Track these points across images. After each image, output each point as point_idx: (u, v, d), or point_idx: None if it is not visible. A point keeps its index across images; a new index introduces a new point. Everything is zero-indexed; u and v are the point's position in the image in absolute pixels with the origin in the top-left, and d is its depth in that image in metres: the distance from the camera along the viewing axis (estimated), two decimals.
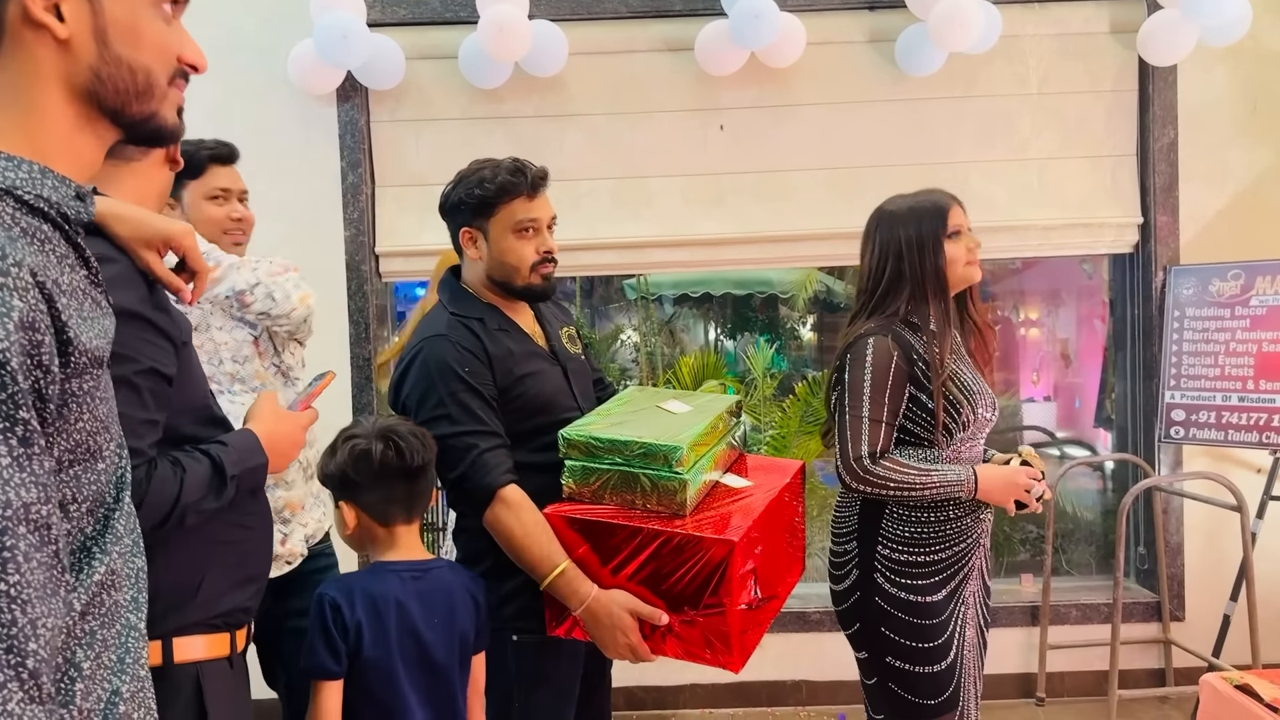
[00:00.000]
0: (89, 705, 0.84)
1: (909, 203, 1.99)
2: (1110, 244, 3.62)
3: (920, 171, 3.47)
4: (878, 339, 1.88)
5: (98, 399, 0.87)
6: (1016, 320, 4.90)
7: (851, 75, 3.54)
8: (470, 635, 1.73)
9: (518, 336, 1.88)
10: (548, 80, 3.46)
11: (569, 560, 1.67)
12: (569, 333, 2.03)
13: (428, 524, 3.75)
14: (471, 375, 1.74)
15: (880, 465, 1.85)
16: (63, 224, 0.86)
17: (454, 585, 1.72)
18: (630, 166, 3.55)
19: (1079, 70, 3.56)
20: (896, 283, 1.95)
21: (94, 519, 0.88)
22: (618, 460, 1.69)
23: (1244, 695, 2.31)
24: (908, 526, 1.92)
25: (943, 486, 1.86)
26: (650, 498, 1.66)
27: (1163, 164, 3.52)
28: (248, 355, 2.10)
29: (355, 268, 3.51)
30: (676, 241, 3.53)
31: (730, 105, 3.54)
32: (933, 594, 1.91)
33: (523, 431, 1.80)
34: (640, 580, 1.64)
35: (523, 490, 1.72)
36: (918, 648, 1.90)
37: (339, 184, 3.51)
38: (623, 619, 1.62)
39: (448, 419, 1.72)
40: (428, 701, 1.67)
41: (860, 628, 1.97)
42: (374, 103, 3.54)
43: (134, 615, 0.94)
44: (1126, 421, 3.76)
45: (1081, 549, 4.14)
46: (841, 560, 2.00)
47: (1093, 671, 3.55)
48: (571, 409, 1.88)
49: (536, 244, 1.86)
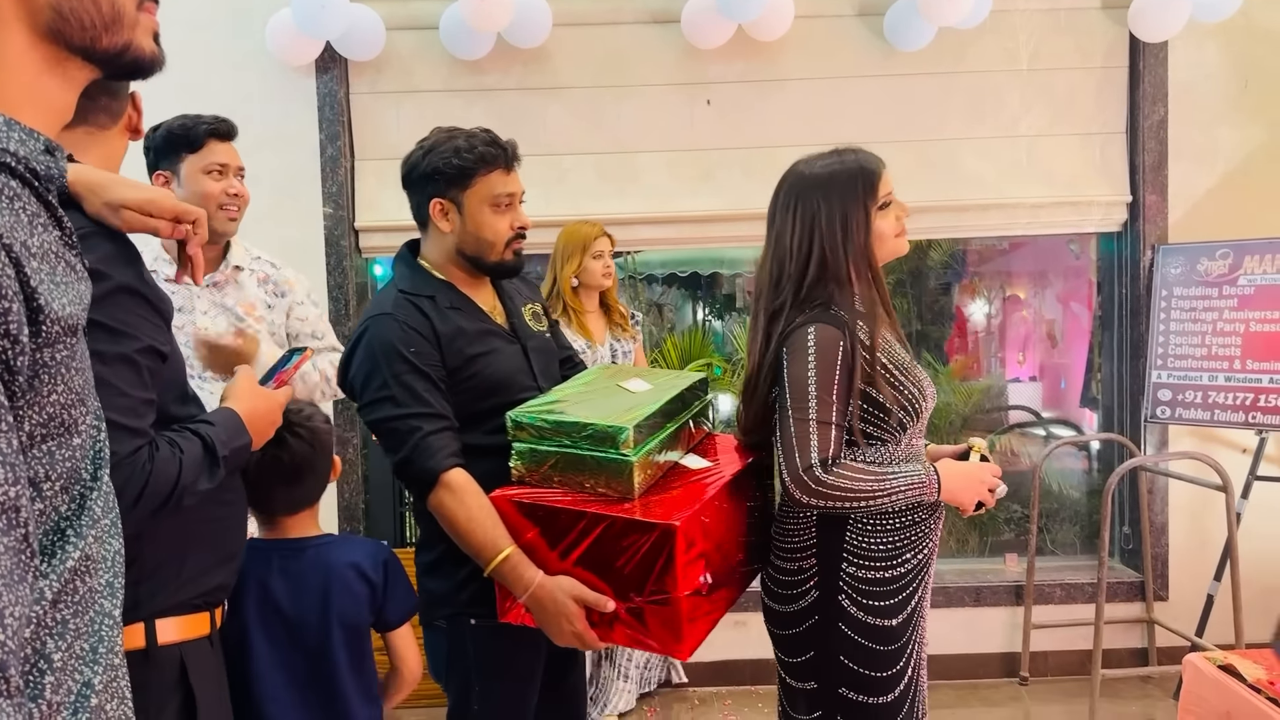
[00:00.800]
0: (59, 699, 0.80)
1: (829, 166, 1.69)
2: (1098, 222, 3.60)
3: (909, 148, 3.44)
4: (820, 327, 1.61)
5: (73, 370, 0.81)
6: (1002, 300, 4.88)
7: (840, 49, 3.49)
8: (358, 616, 1.68)
9: (472, 314, 1.81)
10: (531, 52, 3.40)
11: (514, 546, 1.61)
12: (533, 310, 1.95)
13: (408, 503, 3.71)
14: (417, 355, 1.68)
15: (833, 474, 1.58)
16: (32, 180, 0.79)
17: (333, 565, 1.67)
18: (616, 141, 3.49)
19: (1069, 46, 3.52)
20: (822, 264, 1.66)
21: (68, 498, 0.83)
22: (565, 442, 1.63)
23: (1227, 675, 2.30)
24: (874, 538, 1.67)
25: (904, 491, 1.61)
26: (599, 480, 1.61)
27: (1152, 142, 3.49)
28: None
29: (334, 243, 3.46)
30: (664, 218, 3.49)
31: (717, 79, 3.48)
32: (895, 616, 1.67)
33: (477, 413, 1.73)
34: (588, 565, 1.58)
35: (468, 474, 1.66)
36: (875, 677, 1.66)
37: (318, 157, 3.44)
38: (567, 606, 1.56)
39: (391, 401, 1.66)
40: (299, 682, 1.63)
41: (813, 657, 1.68)
42: (353, 74, 3.47)
43: (108, 601, 0.89)
44: (1113, 401, 3.75)
45: (1065, 528, 4.14)
46: (793, 580, 1.71)
47: (1076, 651, 3.55)
48: (530, 389, 1.81)
49: (511, 219, 1.80)
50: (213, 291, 2.23)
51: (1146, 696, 3.42)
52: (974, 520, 4.07)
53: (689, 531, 1.51)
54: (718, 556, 1.64)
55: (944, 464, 1.69)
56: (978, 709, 3.39)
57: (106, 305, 1.17)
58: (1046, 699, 3.44)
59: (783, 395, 1.63)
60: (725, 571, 1.69)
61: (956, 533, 4.10)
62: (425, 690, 3.40)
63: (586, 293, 3.15)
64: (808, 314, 1.65)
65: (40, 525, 0.80)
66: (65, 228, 0.84)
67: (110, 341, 1.18)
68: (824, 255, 1.66)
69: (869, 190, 1.67)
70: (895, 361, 1.68)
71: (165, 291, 1.36)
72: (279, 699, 1.61)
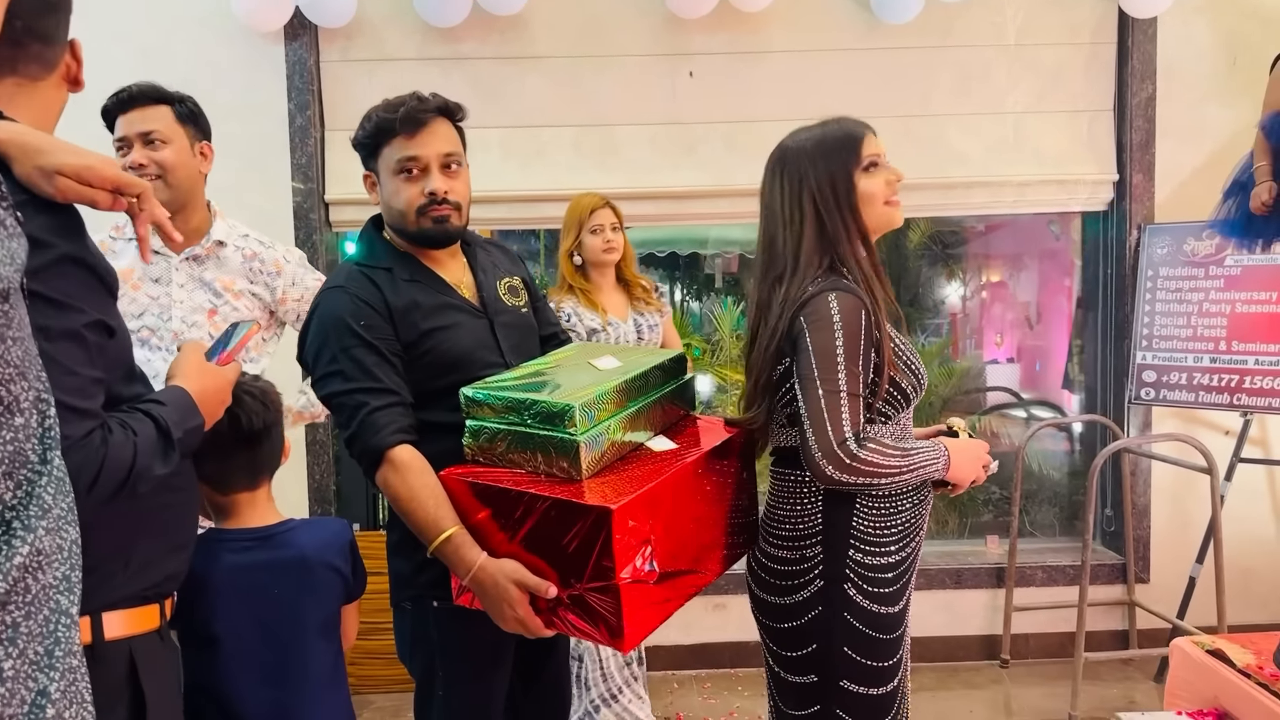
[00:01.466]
0: (10, 711, 0.72)
1: (814, 134, 1.65)
2: (1085, 201, 3.55)
3: (894, 123, 3.35)
4: (841, 295, 1.54)
5: (8, 340, 0.73)
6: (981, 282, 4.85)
7: (825, 21, 3.41)
8: (331, 605, 1.63)
9: (432, 287, 1.75)
10: (508, 19, 3.29)
11: (458, 526, 1.54)
12: (510, 284, 1.87)
13: None
14: (367, 329, 1.63)
15: (865, 449, 1.51)
16: None
17: (306, 557, 1.60)
18: (595, 113, 3.40)
19: (1058, 21, 3.46)
20: (820, 229, 1.61)
21: (13, 484, 0.75)
22: (515, 420, 1.55)
23: (1216, 660, 2.27)
24: (878, 522, 1.62)
25: (924, 468, 1.57)
26: (548, 460, 1.53)
27: (1140, 119, 3.45)
28: (198, 321, 2.09)
29: (303, 216, 3.34)
30: (645, 194, 3.40)
31: (700, 50, 3.40)
32: (898, 602, 1.62)
33: (436, 389, 1.67)
34: (532, 548, 1.50)
35: (416, 451, 1.60)
36: (877, 667, 1.61)
37: (286, 127, 3.33)
38: (509, 590, 1.49)
39: (340, 375, 1.61)
40: (269, 674, 1.56)
41: (816, 649, 1.62)
42: (324, 41, 3.35)
43: (64, 598, 0.81)
44: (1096, 382, 3.72)
45: (1046, 510, 4.12)
46: (796, 569, 1.64)
47: (1057, 633, 3.53)
48: (495, 365, 1.74)
49: (422, 185, 1.69)
50: (191, 265, 2.12)
51: (1127, 679, 3.41)
52: (955, 502, 4.04)
53: (630, 516, 1.41)
54: (672, 543, 1.53)
55: (948, 441, 1.65)
56: (959, 691, 3.37)
57: (49, 276, 1.07)
58: (1027, 682, 3.42)
59: (804, 366, 1.55)
60: (687, 558, 1.58)
61: (937, 514, 4.07)
62: (397, 675, 3.34)
63: (596, 269, 2.94)
64: (822, 282, 1.57)
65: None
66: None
67: (55, 316, 1.08)
68: (819, 218, 1.61)
69: (852, 150, 1.62)
70: (899, 337, 1.63)
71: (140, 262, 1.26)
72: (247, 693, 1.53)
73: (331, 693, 1.61)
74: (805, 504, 1.64)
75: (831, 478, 1.52)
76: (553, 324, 2.00)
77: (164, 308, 2.06)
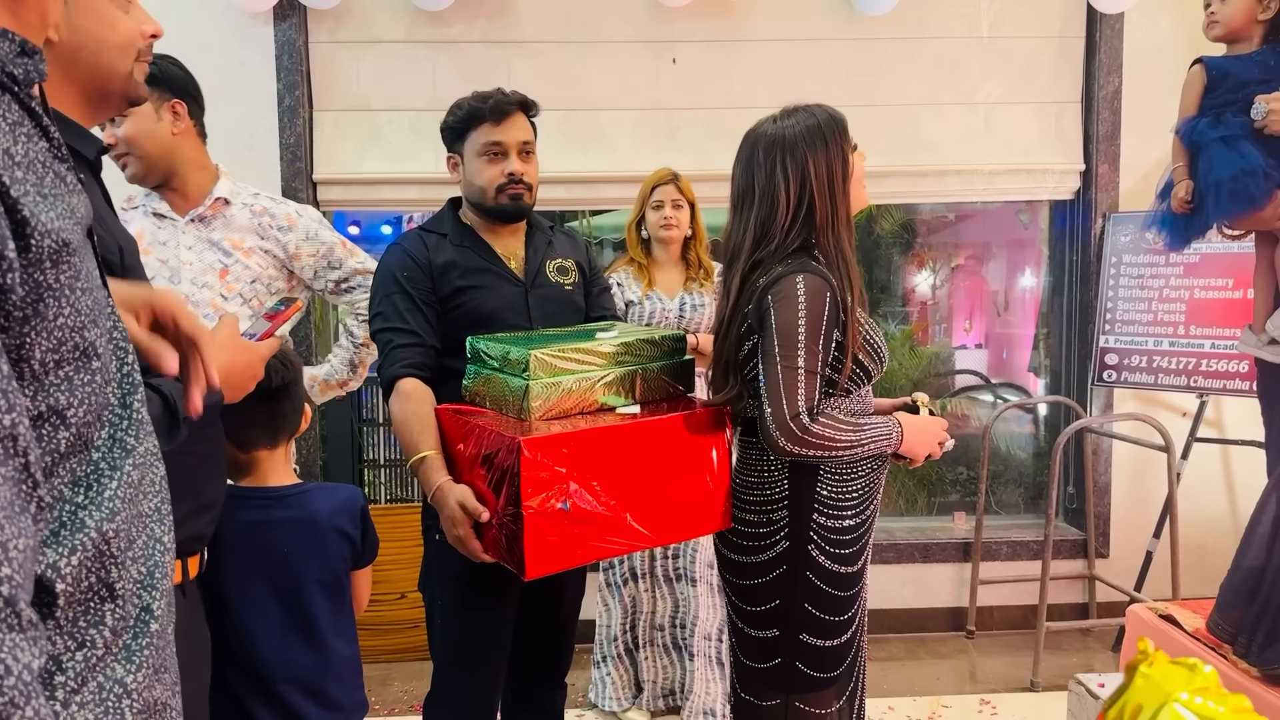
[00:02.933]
0: (119, 625, 0.79)
1: (801, 120, 1.69)
2: (1052, 190, 3.68)
3: (870, 112, 3.46)
4: (808, 277, 1.62)
5: (78, 290, 0.77)
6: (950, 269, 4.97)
7: (805, 11, 3.50)
8: (337, 567, 1.71)
9: (477, 253, 1.99)
10: (496, 3, 3.35)
11: (434, 451, 1.74)
12: (561, 264, 2.08)
13: (367, 461, 3.70)
14: (408, 280, 1.90)
15: (818, 423, 1.61)
16: (10, 85, 0.75)
17: (316, 519, 1.70)
18: (580, 97, 3.47)
19: (1028, 15, 3.57)
20: (810, 212, 1.68)
21: (101, 425, 0.81)
22: (495, 366, 1.76)
23: (1168, 624, 2.41)
24: (839, 487, 1.72)
25: (874, 442, 1.67)
26: (507, 403, 1.72)
27: (1106, 112, 3.57)
28: (209, 282, 2.12)
29: (292, 196, 3.38)
30: (628, 177, 3.47)
31: (683, 38, 3.47)
32: (856, 562, 1.73)
33: (464, 341, 1.87)
34: (483, 479, 1.65)
35: (420, 383, 1.83)
36: (834, 621, 1.72)
37: (275, 107, 3.37)
38: (454, 510, 1.64)
39: (381, 316, 1.91)
40: (281, 630, 1.65)
41: (779, 605, 1.72)
42: (312, 22, 3.39)
43: (158, 526, 0.89)
44: (1060, 365, 3.86)
45: (1011, 489, 4.26)
46: (764, 531, 1.74)
47: (1020, 606, 3.68)
48: (520, 327, 1.96)
49: (503, 167, 1.95)
50: (198, 226, 2.12)
51: (1087, 649, 3.56)
52: (924, 480, 4.17)
53: (541, 451, 1.54)
54: (597, 494, 1.62)
55: (903, 417, 1.74)
56: (926, 661, 3.50)
57: None
58: (991, 651, 3.56)
59: (767, 343, 1.63)
60: (614, 514, 1.65)
61: (906, 492, 4.20)
62: (417, 643, 3.41)
63: (659, 245, 2.98)
64: (791, 264, 1.65)
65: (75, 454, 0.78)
66: (53, 138, 0.80)
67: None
68: (813, 206, 1.68)
69: (844, 134, 1.70)
70: (865, 317, 1.72)
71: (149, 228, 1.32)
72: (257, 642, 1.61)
73: (339, 647, 1.69)
74: (772, 472, 1.74)
75: (785, 449, 1.61)
76: (606, 309, 2.15)
77: (173, 270, 2.07)
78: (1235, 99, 2.17)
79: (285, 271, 2.23)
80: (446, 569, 1.89)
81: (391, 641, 3.46)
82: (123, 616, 0.80)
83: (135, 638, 0.81)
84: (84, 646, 0.76)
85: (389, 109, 3.43)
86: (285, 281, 2.24)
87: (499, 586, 1.89)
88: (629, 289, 2.96)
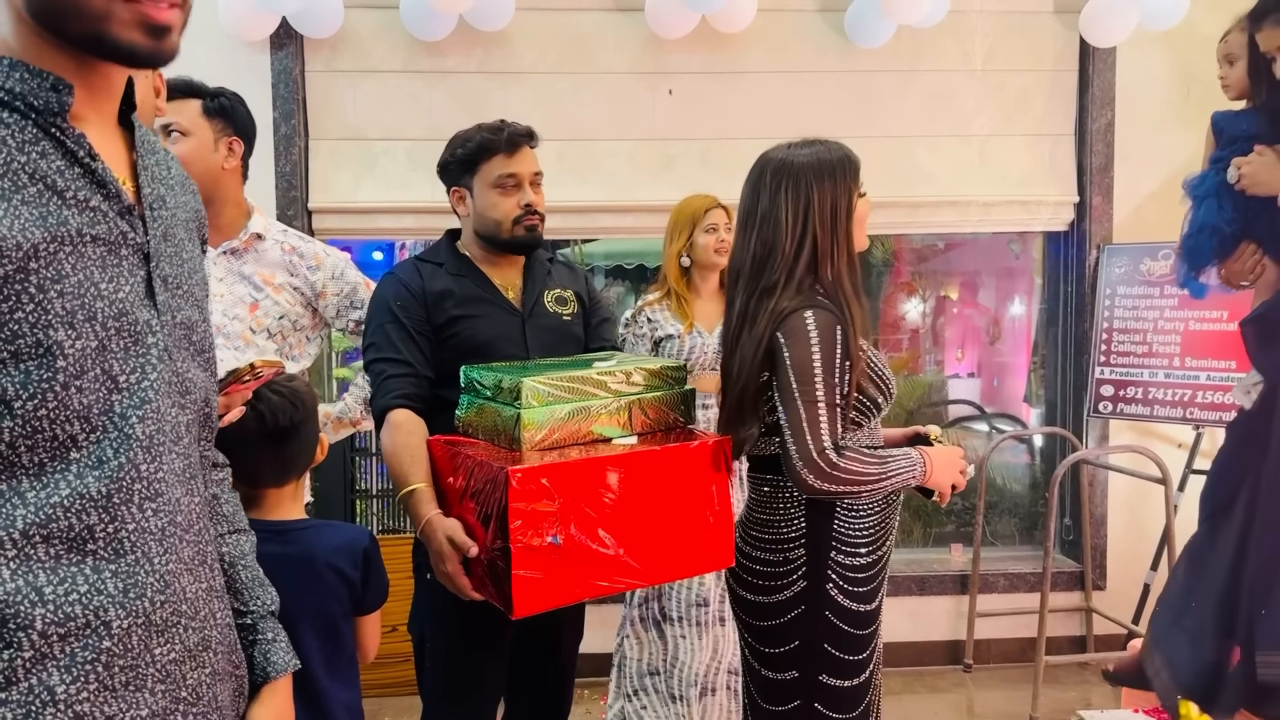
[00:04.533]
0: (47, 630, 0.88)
1: (816, 153, 1.70)
2: (1046, 222, 3.69)
3: (865, 144, 3.42)
4: (817, 312, 1.62)
5: (52, 293, 0.85)
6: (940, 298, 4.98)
7: (801, 44, 3.52)
8: (332, 610, 1.64)
9: (474, 282, 1.96)
10: (493, 35, 3.36)
11: (424, 483, 1.71)
12: (560, 294, 2.05)
13: (359, 491, 3.66)
14: (402, 309, 1.88)
15: (845, 458, 1.58)
16: (29, 113, 0.88)
17: (314, 558, 1.63)
18: (576, 128, 3.47)
19: (1022, 48, 3.60)
20: (815, 247, 1.67)
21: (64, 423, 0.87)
22: (488, 396, 1.73)
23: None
24: (857, 523, 1.69)
25: (900, 474, 1.64)
26: (500, 433, 1.68)
27: (1099, 144, 3.59)
28: (240, 315, 2.13)
29: (287, 223, 3.35)
30: (623, 207, 3.49)
31: (679, 70, 3.49)
32: (872, 601, 1.71)
33: (457, 371, 1.85)
34: (473, 511, 1.61)
35: (415, 415, 1.81)
36: (852, 661, 1.69)
37: (271, 135, 3.36)
38: (443, 545, 1.61)
39: (374, 346, 1.89)
40: None
41: (798, 646, 1.69)
42: (309, 51, 3.39)
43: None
44: (1056, 396, 3.86)
45: (1007, 520, 4.24)
46: (781, 570, 1.70)
47: (1018, 639, 3.65)
48: (516, 357, 1.92)
49: (518, 198, 1.93)
50: (230, 259, 2.13)
51: (1085, 682, 3.53)
52: (920, 512, 4.15)
53: (530, 482, 1.49)
54: (591, 528, 1.57)
55: (928, 449, 1.72)
56: (924, 695, 3.47)
57: None
58: (989, 685, 3.53)
59: (783, 380, 1.62)
60: (608, 550, 1.59)
61: (903, 525, 4.18)
62: (408, 677, 3.34)
63: (701, 273, 2.87)
64: (799, 299, 1.65)
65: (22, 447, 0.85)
66: (80, 160, 0.90)
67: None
68: (815, 238, 1.67)
69: (855, 175, 1.71)
70: (871, 349, 1.71)
71: None
72: None
73: (334, 690, 1.64)
74: (788, 509, 1.71)
75: (814, 487, 1.58)
76: (605, 339, 2.12)
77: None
78: (1226, 155, 2.23)
79: (310, 310, 2.25)
80: (436, 609, 1.84)
81: (383, 675, 3.41)
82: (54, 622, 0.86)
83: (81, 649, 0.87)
84: (10, 647, 0.83)
85: (385, 138, 3.43)
86: (310, 319, 2.25)
87: (492, 628, 1.84)
88: (666, 324, 2.83)
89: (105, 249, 0.90)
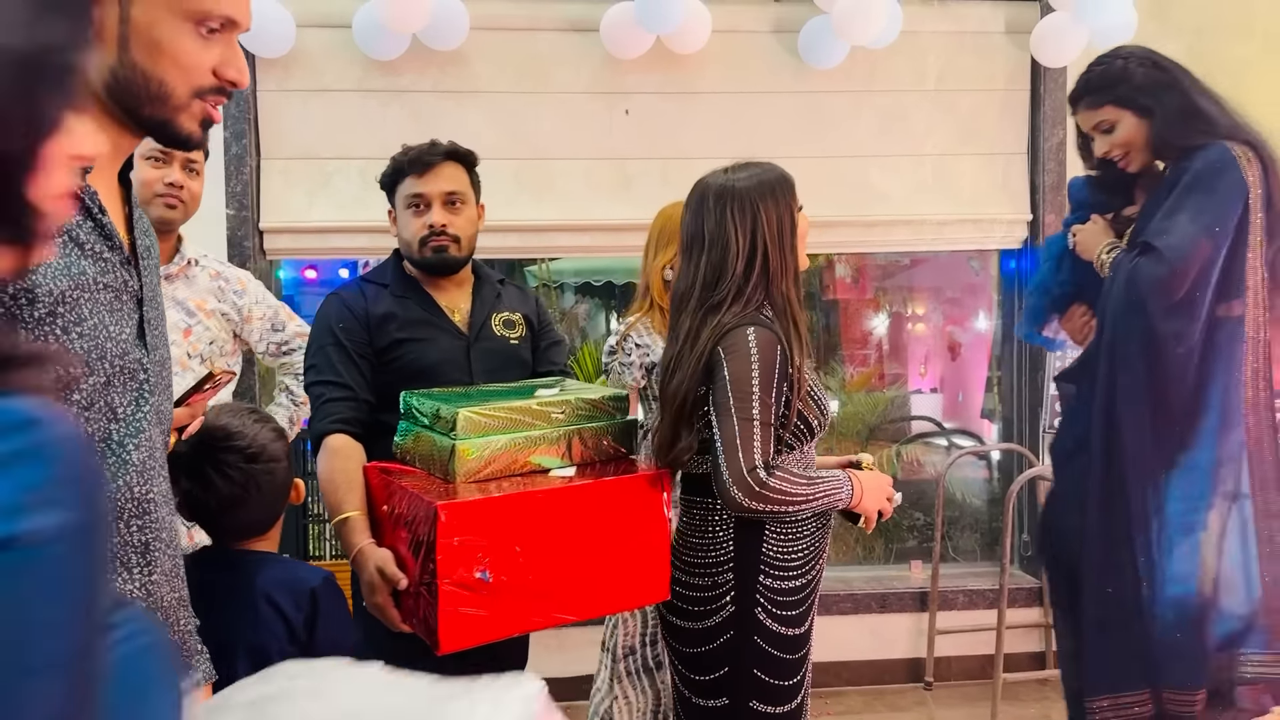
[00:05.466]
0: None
1: (755, 175, 1.70)
2: (1000, 240, 3.73)
3: (820, 163, 3.50)
4: (758, 330, 1.62)
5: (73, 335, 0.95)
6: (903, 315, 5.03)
7: (755, 64, 3.54)
8: (268, 648, 1.54)
9: (419, 305, 1.95)
10: (448, 54, 3.35)
11: (358, 511, 1.68)
12: (508, 318, 2.04)
13: (311, 515, 3.60)
14: (344, 332, 1.86)
15: (774, 477, 1.58)
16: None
17: (255, 582, 1.58)
18: (533, 147, 3.46)
19: (974, 68, 3.64)
20: (765, 265, 1.68)
21: None
22: (425, 424, 1.70)
23: None
24: (785, 546, 1.69)
25: (829, 496, 1.65)
26: (434, 462, 1.66)
27: (1052, 163, 3.64)
28: (175, 339, 2.07)
29: (238, 244, 3.33)
30: (580, 226, 3.47)
31: (635, 90, 3.49)
32: (801, 625, 1.70)
33: (399, 395, 1.82)
34: (405, 542, 1.58)
35: (352, 440, 1.78)
36: (782, 686, 1.68)
37: (222, 155, 3.31)
38: (373, 576, 1.58)
39: (315, 368, 1.87)
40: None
41: (728, 672, 1.67)
42: (261, 70, 3.35)
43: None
44: (1013, 413, 3.88)
45: (967, 536, 4.26)
46: (707, 595, 1.69)
47: (978, 655, 3.65)
48: (461, 382, 1.91)
49: (425, 219, 1.92)
50: (165, 284, 2.08)
51: (1045, 699, 3.54)
52: (880, 527, 4.13)
53: (461, 517, 1.47)
54: (521, 564, 1.53)
55: (854, 473, 1.73)
56: (884, 714, 3.46)
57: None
58: (950, 703, 3.52)
59: (721, 394, 1.62)
60: (554, 585, 1.58)
61: (864, 540, 4.19)
62: None
63: None
64: (741, 315, 1.65)
65: None
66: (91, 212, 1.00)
67: None
68: (766, 256, 1.68)
69: (793, 193, 1.73)
70: (810, 374, 1.72)
71: None
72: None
73: None
74: (717, 531, 1.71)
75: (741, 504, 1.59)
76: (554, 363, 2.10)
77: None
78: (1072, 220, 2.37)
79: (233, 335, 2.24)
80: (371, 640, 1.75)
81: None
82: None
83: None
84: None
85: (339, 157, 3.40)
86: (233, 344, 2.24)
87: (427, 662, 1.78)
88: (657, 347, 2.46)
89: (113, 295, 1.00)
